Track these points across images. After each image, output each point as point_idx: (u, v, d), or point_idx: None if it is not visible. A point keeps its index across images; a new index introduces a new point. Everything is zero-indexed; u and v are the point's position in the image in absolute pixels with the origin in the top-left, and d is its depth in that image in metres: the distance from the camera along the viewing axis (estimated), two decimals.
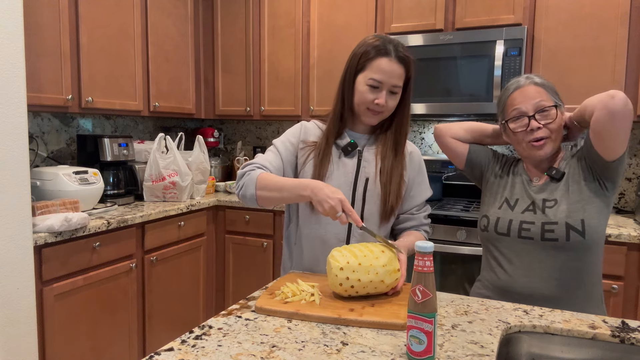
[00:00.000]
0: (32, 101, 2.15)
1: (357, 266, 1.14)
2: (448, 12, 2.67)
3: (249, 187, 1.33)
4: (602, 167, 1.28)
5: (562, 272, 1.30)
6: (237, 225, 3.00)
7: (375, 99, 1.34)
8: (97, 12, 2.48)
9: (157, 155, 2.72)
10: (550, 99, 1.32)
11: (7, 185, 1.74)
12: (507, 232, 1.35)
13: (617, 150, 1.24)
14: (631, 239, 2.08)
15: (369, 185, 1.40)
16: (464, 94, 2.57)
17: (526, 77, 1.37)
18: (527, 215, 1.34)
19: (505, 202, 1.40)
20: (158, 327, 2.60)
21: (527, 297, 1.32)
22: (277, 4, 3.12)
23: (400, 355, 0.93)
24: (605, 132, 1.22)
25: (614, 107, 1.17)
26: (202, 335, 1.01)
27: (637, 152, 2.65)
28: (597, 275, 1.34)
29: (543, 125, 1.31)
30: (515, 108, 1.34)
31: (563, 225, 1.28)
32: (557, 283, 1.30)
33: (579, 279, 1.30)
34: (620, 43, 2.34)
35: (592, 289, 1.32)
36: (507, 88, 1.39)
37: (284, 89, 3.15)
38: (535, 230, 1.31)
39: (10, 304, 1.76)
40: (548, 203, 1.32)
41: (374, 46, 1.34)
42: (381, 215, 1.41)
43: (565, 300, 1.30)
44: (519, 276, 1.34)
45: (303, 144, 1.45)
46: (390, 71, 1.32)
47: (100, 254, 2.21)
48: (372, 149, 1.43)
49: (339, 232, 1.40)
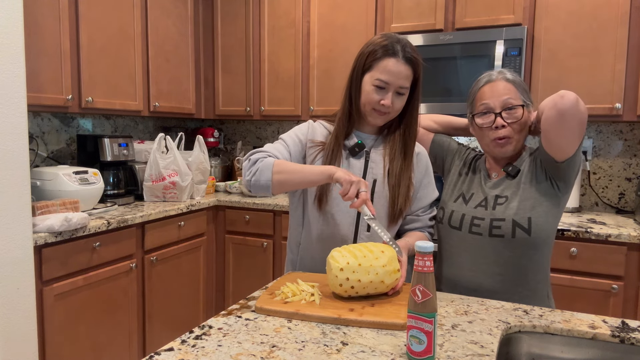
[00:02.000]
0: (32, 101, 2.15)
1: (357, 267, 1.14)
2: (448, 12, 2.67)
3: (263, 172, 1.29)
4: (553, 168, 1.29)
5: (505, 268, 1.32)
6: (237, 225, 3.00)
7: (381, 99, 1.31)
8: (97, 12, 2.48)
9: (157, 155, 2.72)
10: (519, 97, 1.33)
11: (7, 185, 1.74)
12: (459, 226, 1.38)
13: (566, 150, 1.24)
14: (631, 239, 2.08)
15: (377, 187, 1.39)
16: (464, 94, 2.57)
17: (499, 71, 1.37)
18: (479, 210, 1.36)
19: (461, 196, 1.42)
20: (158, 327, 2.60)
21: (472, 291, 1.35)
22: (277, 4, 3.12)
23: (400, 355, 0.93)
24: (553, 131, 1.22)
25: (562, 107, 1.17)
26: (202, 335, 1.01)
27: (637, 152, 2.65)
28: (543, 271, 1.36)
29: (508, 123, 1.32)
30: (483, 103, 1.35)
31: (510, 222, 1.30)
32: (501, 278, 1.33)
33: (522, 275, 1.32)
34: (620, 43, 2.34)
35: (537, 286, 1.34)
36: (479, 80, 1.39)
37: (284, 89, 3.15)
38: (484, 225, 1.33)
39: (10, 304, 1.76)
40: (499, 200, 1.34)
41: (382, 46, 1.32)
42: (389, 218, 1.39)
43: (509, 295, 1.33)
44: (465, 270, 1.37)
45: (311, 142, 1.43)
46: (397, 72, 1.30)
47: (100, 254, 2.21)
48: (380, 150, 1.42)
49: (345, 234, 1.39)
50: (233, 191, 3.21)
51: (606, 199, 2.72)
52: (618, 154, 2.68)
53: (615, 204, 2.71)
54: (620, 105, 2.34)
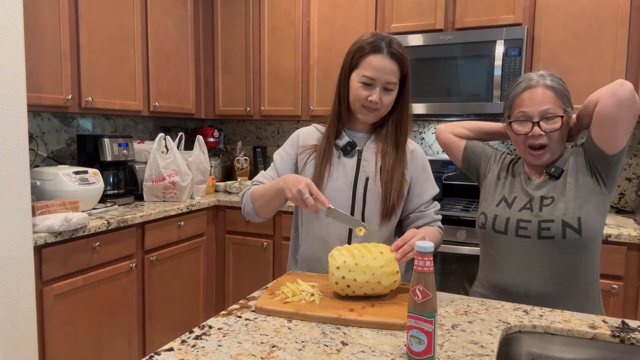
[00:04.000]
0: (32, 101, 2.15)
1: (353, 266, 1.14)
2: (448, 12, 2.67)
3: (247, 204, 1.42)
4: (602, 162, 1.27)
5: (558, 271, 1.29)
6: (237, 225, 3.00)
7: (369, 95, 1.33)
8: (97, 12, 2.47)
9: (157, 155, 2.72)
10: (559, 105, 1.29)
11: (7, 185, 1.74)
12: (505, 230, 1.35)
13: (618, 142, 1.23)
14: (631, 239, 2.08)
15: (369, 185, 1.40)
16: (464, 94, 2.57)
17: (540, 75, 1.32)
18: (525, 213, 1.33)
19: (503, 200, 1.39)
20: (158, 327, 2.60)
21: (524, 296, 1.32)
22: (277, 4, 3.12)
23: (400, 355, 0.92)
24: (610, 120, 1.20)
25: (622, 95, 1.16)
26: (202, 335, 1.01)
27: (637, 152, 2.65)
28: (594, 273, 1.33)
29: (546, 132, 1.29)
30: (521, 111, 1.32)
31: (559, 223, 1.27)
32: (553, 282, 1.30)
33: (575, 278, 1.30)
34: (620, 43, 2.34)
35: (589, 288, 1.32)
36: (518, 84, 1.35)
37: (284, 89, 3.15)
38: (532, 228, 1.30)
39: (10, 304, 1.76)
40: (545, 201, 1.32)
41: (367, 43, 1.34)
42: (382, 214, 1.40)
43: (561, 299, 1.30)
44: (515, 275, 1.33)
45: (302, 148, 1.46)
46: (382, 68, 1.32)
47: (100, 254, 2.21)
48: (372, 148, 1.43)
49: (340, 233, 1.40)
50: (233, 191, 3.21)
51: None
52: None
53: (615, 204, 2.71)
54: None
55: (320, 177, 1.39)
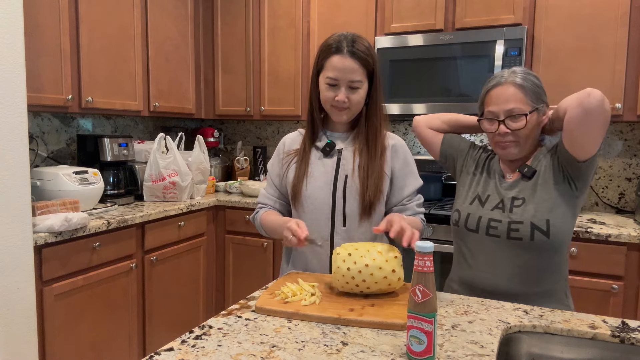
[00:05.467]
0: (32, 101, 2.15)
1: (353, 250, 1.17)
2: (448, 12, 2.67)
3: (261, 230, 1.53)
4: (573, 167, 1.28)
5: (523, 270, 1.31)
6: (237, 225, 3.00)
7: (335, 96, 1.36)
8: (97, 12, 2.47)
9: (157, 155, 2.72)
10: (527, 103, 1.30)
11: (7, 185, 1.74)
12: (476, 228, 1.37)
13: (589, 149, 1.23)
14: (631, 239, 2.08)
15: (348, 182, 1.42)
16: (464, 94, 2.57)
17: (512, 71, 1.33)
18: (496, 213, 1.34)
19: (476, 198, 1.41)
20: (158, 327, 2.60)
21: (490, 293, 1.35)
22: (277, 4, 3.12)
23: (400, 355, 0.93)
24: (577, 130, 1.20)
25: (589, 105, 1.16)
26: (202, 335, 1.01)
27: (637, 152, 2.65)
28: (561, 272, 1.35)
29: (512, 130, 1.31)
30: (489, 109, 1.34)
31: (528, 225, 1.28)
32: (519, 280, 1.32)
33: (540, 277, 1.32)
34: (620, 43, 2.34)
35: (554, 286, 1.34)
36: (490, 81, 1.37)
37: (284, 89, 3.15)
38: (502, 228, 1.32)
39: (10, 304, 1.76)
40: (516, 202, 1.33)
41: (328, 44, 1.38)
42: (360, 211, 1.41)
43: (525, 297, 1.32)
44: (482, 272, 1.36)
45: (286, 154, 1.51)
46: (342, 67, 1.34)
47: (100, 254, 2.21)
48: (351, 147, 1.46)
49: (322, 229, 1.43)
50: (233, 191, 3.21)
51: (606, 199, 2.72)
52: (618, 154, 2.68)
53: (615, 204, 2.71)
54: (621, 105, 2.34)
55: (300, 178, 1.44)
